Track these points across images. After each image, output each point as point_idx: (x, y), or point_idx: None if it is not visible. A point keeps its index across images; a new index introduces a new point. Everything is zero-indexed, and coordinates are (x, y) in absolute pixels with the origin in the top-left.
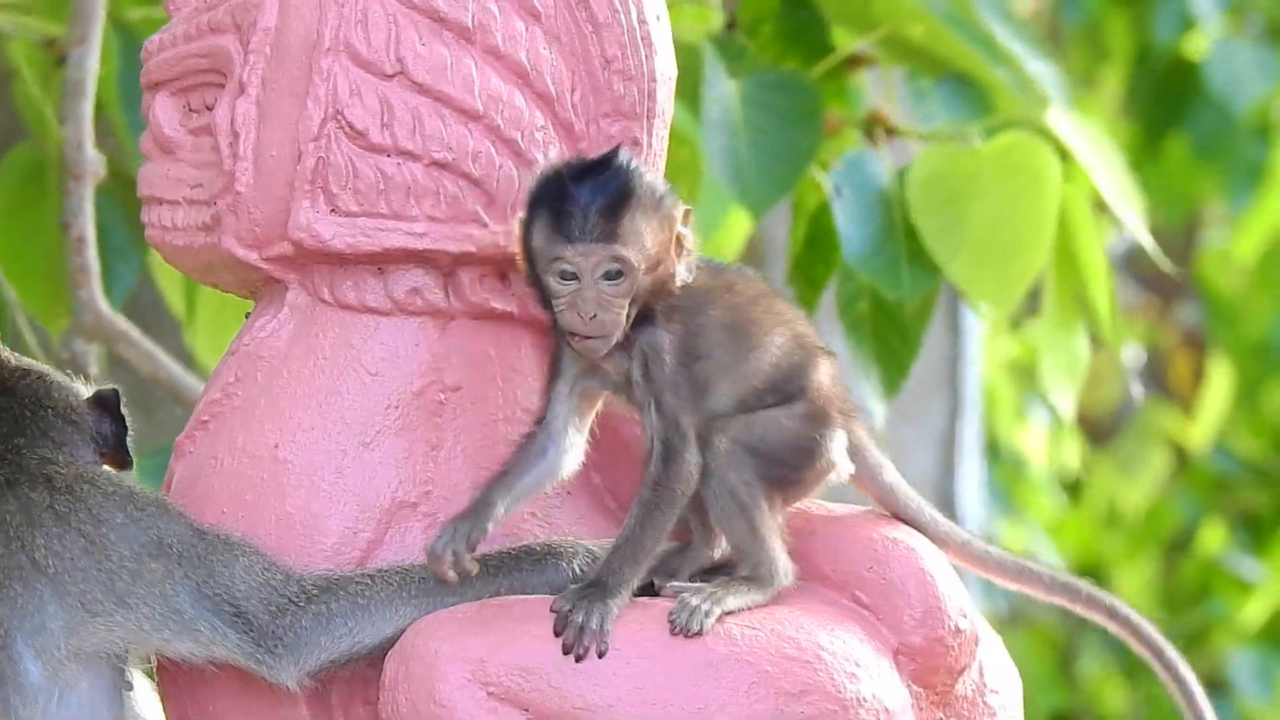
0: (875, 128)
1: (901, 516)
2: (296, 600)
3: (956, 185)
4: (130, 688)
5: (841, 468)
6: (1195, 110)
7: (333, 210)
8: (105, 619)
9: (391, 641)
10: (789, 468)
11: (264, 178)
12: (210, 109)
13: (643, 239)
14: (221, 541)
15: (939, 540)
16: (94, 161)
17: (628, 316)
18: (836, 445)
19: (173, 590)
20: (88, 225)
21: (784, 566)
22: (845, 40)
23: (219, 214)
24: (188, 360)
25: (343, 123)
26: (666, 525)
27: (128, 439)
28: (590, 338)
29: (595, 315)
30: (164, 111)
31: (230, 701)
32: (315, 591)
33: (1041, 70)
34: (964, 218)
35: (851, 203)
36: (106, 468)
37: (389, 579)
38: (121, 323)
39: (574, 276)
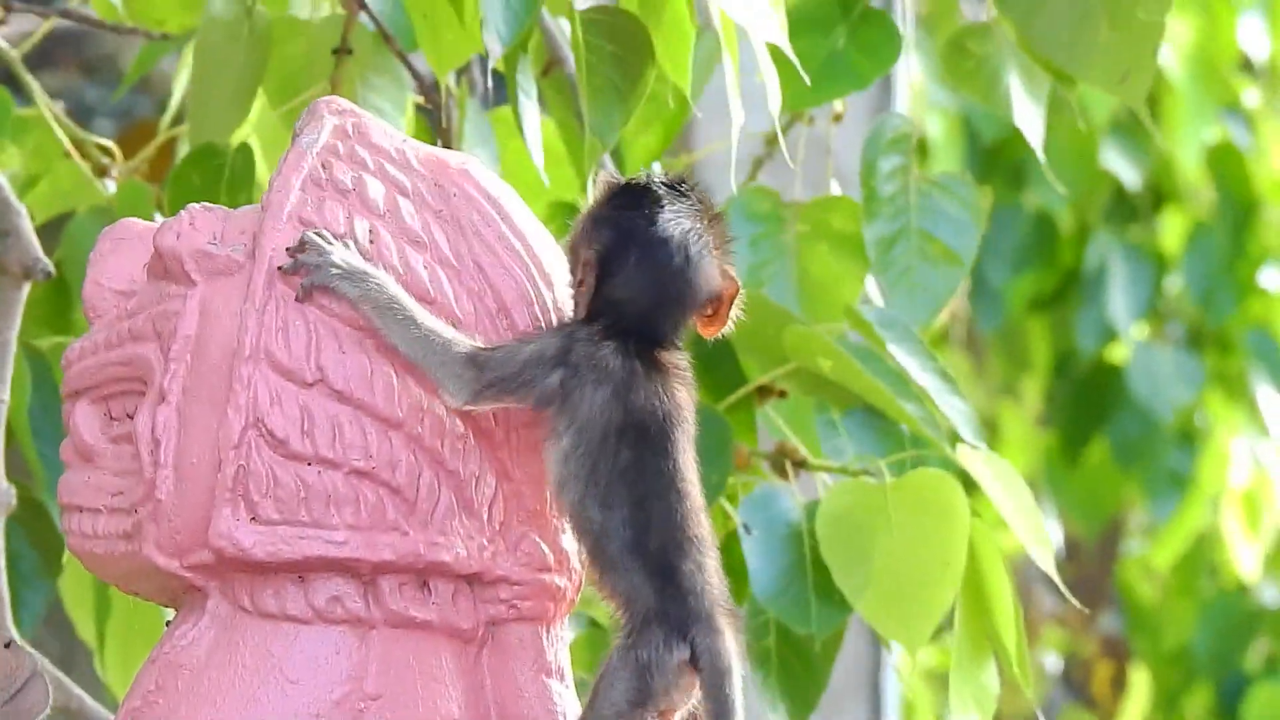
0: (784, 460)
1: None
2: None
3: (865, 520)
4: None
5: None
6: (1117, 417)
7: (253, 518)
8: None
9: None
10: (641, 710)
11: (185, 485)
12: (131, 416)
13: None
14: None
15: None
16: (6, 493)
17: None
18: (675, 675)
19: None
20: (0, 557)
21: None
22: (755, 372)
23: (140, 522)
24: (100, 687)
25: (263, 430)
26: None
27: None
28: None
29: None
30: (84, 419)
31: None
32: None
33: (954, 405)
34: (872, 553)
35: (760, 540)
36: None
37: None
38: (31, 652)
39: None
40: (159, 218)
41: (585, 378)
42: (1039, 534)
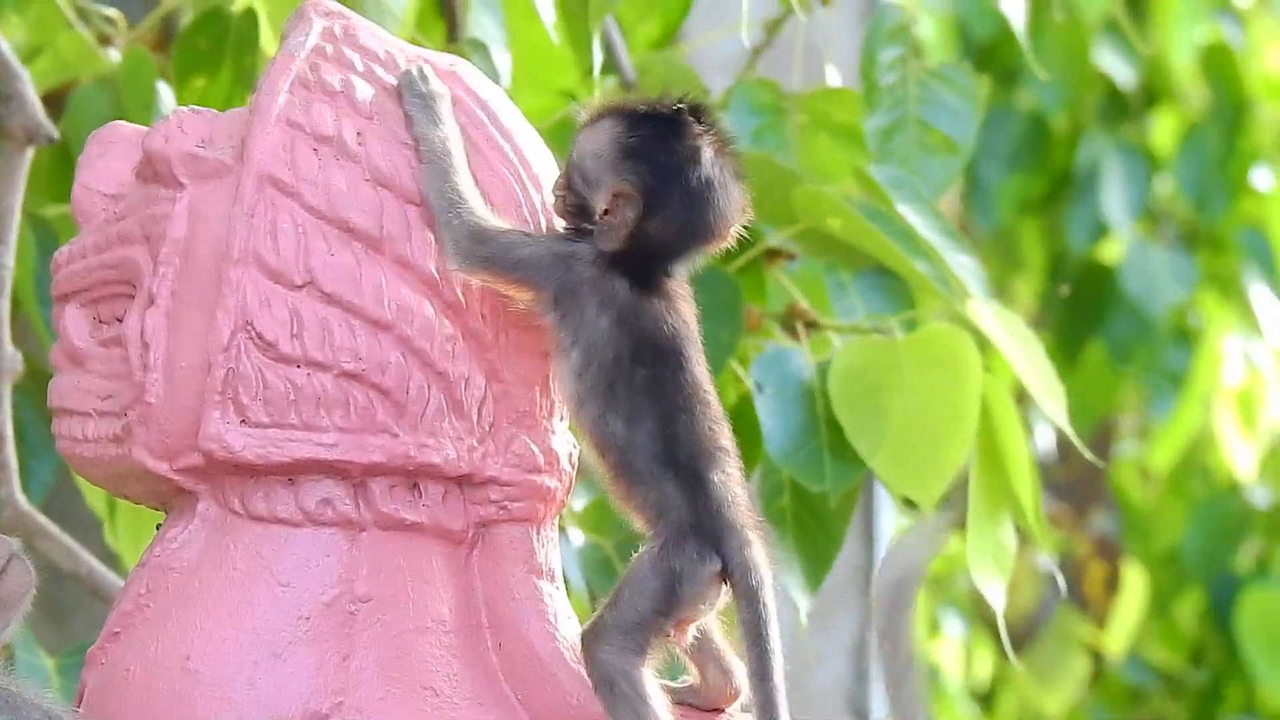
0: (795, 321)
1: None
2: None
3: (877, 378)
4: None
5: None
6: (1111, 317)
7: (243, 421)
8: None
9: None
10: (662, 618)
11: (174, 389)
12: (120, 320)
13: (584, 166)
14: None
15: None
16: (13, 359)
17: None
18: (705, 584)
19: None
20: (6, 422)
21: None
22: (763, 234)
23: (130, 425)
24: (110, 557)
25: (252, 333)
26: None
27: None
28: None
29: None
30: (74, 323)
31: None
32: None
33: (962, 262)
34: (885, 410)
35: (773, 398)
36: None
37: None
38: (40, 518)
39: None
40: (162, 87)
41: (586, 300)
42: (1052, 386)
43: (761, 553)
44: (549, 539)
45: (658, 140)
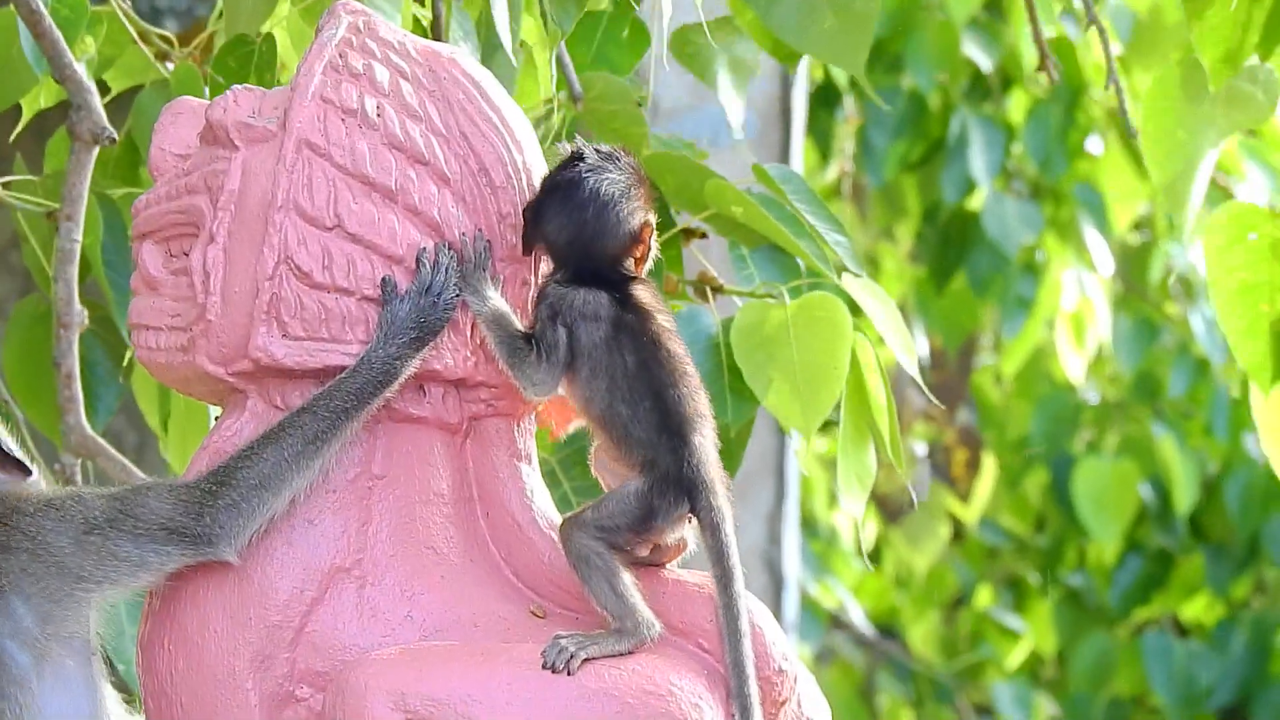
0: (705, 286)
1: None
2: (206, 501)
3: (769, 333)
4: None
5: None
6: (973, 254)
7: (284, 335)
8: (69, 598)
9: (293, 493)
10: (633, 534)
11: (229, 309)
12: (187, 254)
13: None
14: (131, 491)
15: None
16: (79, 314)
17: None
18: (674, 520)
19: (115, 546)
20: (74, 364)
21: (646, 619)
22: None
23: (194, 338)
24: (164, 466)
25: (292, 266)
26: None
27: (9, 449)
28: None
29: None
30: (150, 256)
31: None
32: (217, 488)
33: (838, 241)
34: (775, 360)
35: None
36: (21, 487)
37: (266, 456)
38: (102, 441)
39: None
40: (207, 92)
41: (574, 316)
42: (906, 343)
43: (724, 497)
44: (526, 430)
45: (555, 173)
